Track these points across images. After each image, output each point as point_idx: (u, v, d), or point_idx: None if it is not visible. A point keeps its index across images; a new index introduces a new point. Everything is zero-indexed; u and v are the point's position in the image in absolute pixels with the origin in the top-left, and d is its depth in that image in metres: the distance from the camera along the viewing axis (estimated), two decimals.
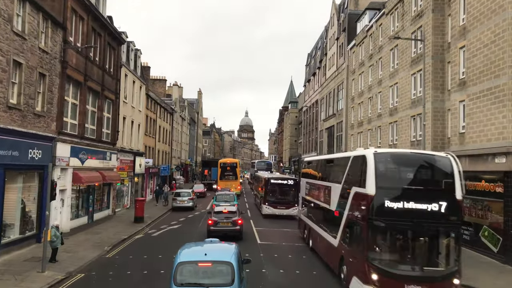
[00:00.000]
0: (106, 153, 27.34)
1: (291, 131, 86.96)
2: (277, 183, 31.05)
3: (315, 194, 18.95)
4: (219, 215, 22.05)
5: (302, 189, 22.53)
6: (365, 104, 36.50)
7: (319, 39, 64.24)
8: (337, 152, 46.57)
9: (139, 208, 26.46)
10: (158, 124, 45.15)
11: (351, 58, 42.07)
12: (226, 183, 48.20)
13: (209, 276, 9.11)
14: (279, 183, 30.99)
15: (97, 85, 25.42)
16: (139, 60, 36.99)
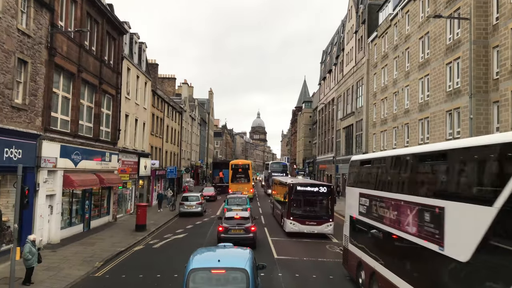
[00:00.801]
0: (105, 153, 24.72)
1: (305, 132, 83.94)
2: (305, 191, 23.17)
3: (391, 218, 10.52)
4: (230, 221, 20.01)
5: (351, 204, 14.34)
6: (389, 100, 33.38)
7: (335, 35, 61.17)
8: (356, 153, 43.52)
9: (141, 214, 23.75)
10: (165, 124, 42.55)
11: (372, 51, 38.97)
12: (238, 186, 45.54)
13: (223, 283, 8.75)
14: (308, 191, 23.14)
15: (94, 77, 22.82)
16: (144, 54, 34.43)
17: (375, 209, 11.66)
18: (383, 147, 34.85)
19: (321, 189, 23.06)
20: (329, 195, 22.87)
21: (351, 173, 15.15)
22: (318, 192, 23.04)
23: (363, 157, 15.89)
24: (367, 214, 12.41)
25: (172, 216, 30.85)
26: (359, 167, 14.27)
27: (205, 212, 33.46)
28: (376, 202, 11.65)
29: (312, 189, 23.22)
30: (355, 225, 13.76)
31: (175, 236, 22.72)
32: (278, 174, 49.58)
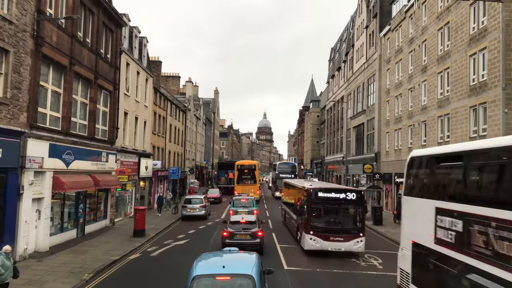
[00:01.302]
0: (102, 153, 23.09)
1: (313, 132, 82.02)
2: (329, 198, 18.52)
3: None
4: (235, 226, 18.70)
5: (415, 224, 10.41)
6: (404, 96, 31.47)
7: (344, 31, 59.28)
8: (367, 153, 41.67)
9: (139, 219, 22.07)
10: (168, 122, 40.92)
11: (385, 46, 37.07)
12: (244, 187, 43.75)
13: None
14: (332, 199, 18.50)
15: (89, 71, 21.18)
16: (145, 49, 32.80)
17: (482, 240, 7.12)
18: (397, 147, 32.96)
19: (348, 196, 18.39)
20: (358, 203, 18.39)
21: (411, 176, 10.87)
22: (345, 199, 18.34)
23: (441, 150, 10.53)
24: (457, 245, 7.86)
25: (174, 219, 29.16)
26: (432, 167, 9.66)
27: (209, 215, 31.76)
28: (483, 227, 7.08)
29: (338, 195, 18.46)
30: (425, 259, 9.22)
31: (176, 242, 21.01)
32: (286, 176, 47.47)
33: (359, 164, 43.95)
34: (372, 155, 39.65)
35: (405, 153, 30.92)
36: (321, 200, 18.41)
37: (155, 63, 47.18)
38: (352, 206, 18.49)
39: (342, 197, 18.39)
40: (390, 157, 34.60)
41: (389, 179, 34.57)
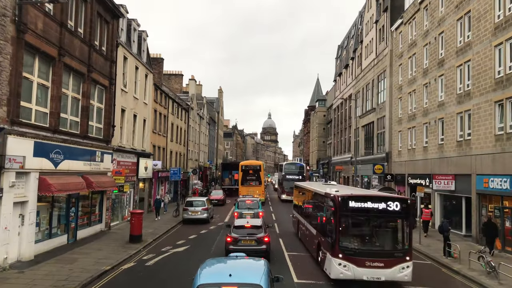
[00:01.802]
0: (96, 152, 21.48)
1: (319, 132, 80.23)
2: (365, 208, 13.77)
3: None
4: (240, 231, 17.39)
5: None
6: (419, 92, 29.67)
7: (352, 27, 57.50)
8: (377, 153, 39.88)
9: (136, 223, 20.43)
10: (170, 121, 39.32)
11: (396, 41, 35.27)
12: (248, 188, 42.22)
13: None
14: (370, 210, 13.77)
15: (81, 64, 19.58)
16: (145, 43, 31.18)
17: None
18: (410, 146, 31.14)
19: (390, 206, 13.61)
20: (404, 215, 13.71)
21: None
22: (386, 210, 13.62)
23: None
24: None
25: (174, 223, 27.51)
26: None
27: (212, 218, 30.11)
28: None
29: (376, 205, 13.65)
30: None
31: (175, 249, 19.34)
32: (293, 177, 45.54)
33: (369, 164, 42.12)
34: (383, 155, 37.86)
35: (419, 152, 29.14)
36: (353, 212, 13.70)
37: (157, 60, 45.79)
38: (396, 219, 13.92)
39: (382, 207, 13.62)
40: (402, 157, 32.79)
41: (402, 180, 32.77)
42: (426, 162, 27.81)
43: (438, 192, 25.82)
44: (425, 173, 27.90)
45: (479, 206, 21.24)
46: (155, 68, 46.40)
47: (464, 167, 22.56)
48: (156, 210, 29.61)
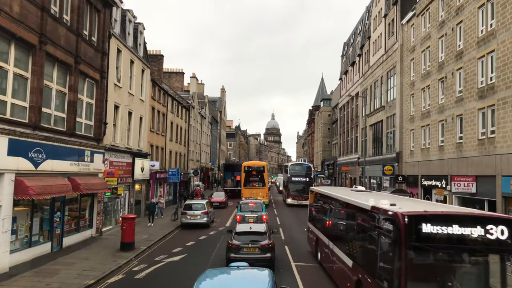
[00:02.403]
0: (85, 152, 19.68)
1: (324, 132, 78.28)
2: (451, 236, 8.26)
3: None
4: (242, 237, 15.90)
5: None
6: (433, 88, 27.73)
7: (359, 23, 55.59)
8: (387, 153, 37.98)
9: (128, 230, 18.62)
10: (169, 120, 37.52)
11: (408, 34, 33.34)
12: (252, 190, 40.27)
13: None
14: (459, 238, 8.26)
15: (67, 54, 17.79)
16: (142, 36, 29.39)
17: None
18: (424, 146, 29.21)
19: (491, 231, 8.26)
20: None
21: None
22: (484, 240, 8.29)
23: None
24: None
25: (172, 228, 25.70)
26: None
27: (213, 222, 28.28)
28: None
29: (467, 230, 8.31)
30: None
31: (170, 258, 17.51)
32: (300, 179, 42.62)
33: (378, 165, 40.20)
34: (393, 155, 35.91)
35: (434, 152, 27.20)
36: (430, 242, 8.29)
37: (156, 57, 44.09)
38: (499, 252, 8.42)
39: (477, 234, 8.27)
40: (415, 157, 30.85)
41: (414, 182, 30.81)
42: (442, 163, 25.87)
43: (457, 195, 23.87)
44: (441, 174, 25.96)
45: (505, 210, 19.28)
46: (155, 65, 44.64)
47: (487, 167, 20.62)
48: (150, 215, 26.91)
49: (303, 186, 41.36)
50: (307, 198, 38.89)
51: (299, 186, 42.11)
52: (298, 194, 41.51)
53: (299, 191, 41.71)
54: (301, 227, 27.09)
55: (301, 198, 40.14)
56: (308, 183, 40.70)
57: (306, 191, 37.81)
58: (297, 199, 40.95)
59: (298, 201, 40.44)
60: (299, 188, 41.99)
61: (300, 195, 40.91)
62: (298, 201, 40.74)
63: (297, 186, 42.20)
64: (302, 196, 39.90)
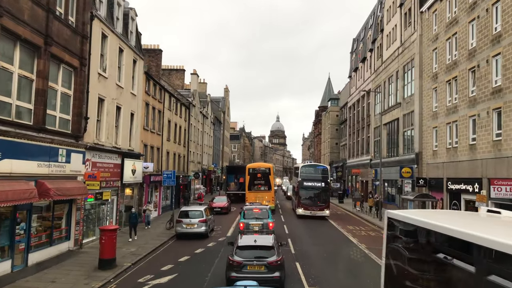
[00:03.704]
0: (58, 150, 16.62)
1: (331, 133, 75.02)
2: None
3: None
4: (245, 252, 13.33)
5: None
6: (462, 79, 24.47)
7: (370, 17, 52.38)
8: (404, 154, 34.71)
9: (107, 244, 15.50)
10: (166, 118, 34.45)
11: (429, 22, 30.11)
12: (257, 194, 37.08)
13: None
14: None
15: (33, 32, 14.76)
16: (133, 23, 26.35)
17: None
18: (450, 145, 25.93)
19: None
20: None
21: None
22: None
23: None
24: None
25: (166, 238, 22.56)
26: None
27: (212, 231, 25.13)
28: None
29: None
30: None
31: (157, 279, 14.34)
32: (315, 185, 34.06)
33: (393, 167, 36.93)
34: (411, 156, 32.63)
35: (464, 152, 23.93)
36: None
37: (154, 51, 41.29)
38: None
39: None
40: (439, 157, 27.57)
41: (438, 185, 27.54)
42: (474, 164, 22.58)
43: (495, 201, 20.56)
44: (473, 177, 22.67)
45: None
46: (153, 60, 41.69)
47: None
48: (131, 227, 21.91)
49: (319, 193, 33.87)
50: (323, 207, 33.33)
51: (314, 193, 34.10)
52: (311, 203, 33.79)
53: (313, 199, 34.02)
54: (313, 237, 23.89)
55: (316, 208, 33.27)
56: (325, 189, 34.07)
57: (323, 200, 33.38)
58: (311, 209, 33.36)
59: (312, 212, 33.22)
60: (313, 196, 34.16)
61: (314, 204, 33.55)
62: (311, 211, 33.29)
63: (310, 193, 34.17)
64: (317, 206, 33.30)
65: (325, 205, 32.92)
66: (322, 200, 33.36)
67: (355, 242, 22.22)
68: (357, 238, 23.52)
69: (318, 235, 24.69)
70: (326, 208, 32.88)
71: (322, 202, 33.23)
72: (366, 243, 21.84)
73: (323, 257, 18.39)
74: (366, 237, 24.36)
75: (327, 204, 33.16)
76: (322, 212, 32.51)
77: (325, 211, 32.68)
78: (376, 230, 27.24)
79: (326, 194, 33.70)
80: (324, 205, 32.95)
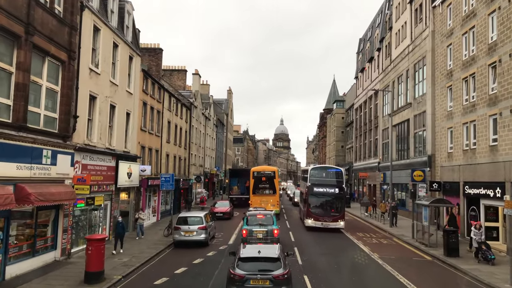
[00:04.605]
0: (42, 151, 15.11)
1: (337, 135, 73.34)
2: None
3: None
4: (248, 265, 11.83)
5: None
6: (481, 76, 22.81)
7: (377, 15, 50.83)
8: (415, 156, 33.06)
9: (94, 255, 13.92)
10: (166, 118, 32.93)
11: (442, 17, 28.50)
12: (262, 198, 35.93)
13: None
14: None
15: (11, 19, 13.29)
16: (130, 18, 24.88)
17: None
18: (467, 146, 24.23)
19: None
20: None
21: None
22: None
23: None
24: None
25: (163, 246, 20.98)
26: None
27: (213, 239, 23.54)
28: None
29: None
30: None
31: None
32: (327, 191, 28.34)
33: (403, 170, 35.29)
34: (423, 159, 30.97)
35: (483, 154, 22.24)
36: None
37: (155, 50, 40.03)
38: None
39: None
40: (454, 160, 25.88)
41: (453, 190, 25.86)
42: (496, 166, 20.88)
43: None
44: (494, 181, 20.95)
45: None
46: (153, 59, 40.32)
47: None
48: (117, 238, 18.95)
49: (332, 201, 28.31)
50: (337, 218, 27.69)
51: (326, 201, 28.40)
52: (323, 213, 28.03)
53: (325, 209, 28.26)
54: (322, 245, 22.20)
55: (328, 218, 27.71)
56: (339, 197, 28.50)
57: (338, 209, 28.13)
58: (322, 220, 27.75)
59: (324, 223, 27.65)
60: (325, 204, 28.38)
61: (327, 215, 27.92)
62: (323, 222, 27.66)
63: (322, 200, 28.44)
64: (330, 216, 27.77)
65: (339, 215, 27.85)
66: (336, 210, 28.05)
67: (367, 251, 20.54)
68: (368, 247, 21.84)
69: (326, 243, 23.03)
70: (340, 218, 27.78)
71: (336, 211, 27.95)
72: (379, 252, 20.17)
73: (333, 269, 16.74)
74: (378, 245, 22.68)
75: (342, 214, 28.01)
76: (336, 224, 27.56)
77: (340, 222, 27.67)
78: (387, 238, 25.55)
79: (341, 202, 28.44)
80: (338, 215, 27.86)
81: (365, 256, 19.52)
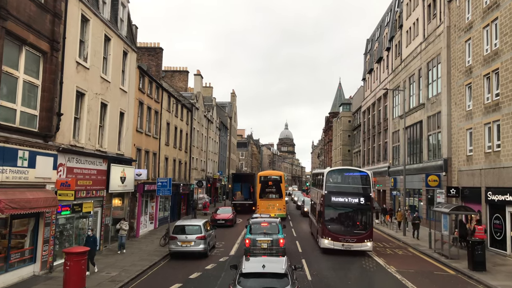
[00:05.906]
0: (17, 152, 13.34)
1: (344, 139, 71.38)
2: None
3: None
4: (251, 282, 10.18)
5: None
6: (505, 71, 20.89)
7: (386, 14, 48.97)
8: (429, 160, 31.11)
9: (73, 271, 12.14)
10: (164, 120, 31.15)
11: (460, 10, 26.62)
12: (268, 202, 36.68)
13: None
14: None
15: None
16: (125, 11, 23.18)
17: None
18: (490, 149, 22.28)
19: None
20: None
21: None
22: None
23: None
24: None
25: (158, 257, 19.10)
26: None
27: (213, 249, 21.66)
28: None
29: None
30: None
31: None
32: (348, 201, 21.20)
33: (416, 175, 33.34)
34: (438, 163, 28.99)
35: (508, 157, 20.29)
36: None
37: (155, 49, 38.42)
38: None
39: None
40: (475, 163, 23.90)
41: (473, 196, 23.87)
42: None
43: None
44: None
45: None
46: (153, 59, 38.70)
47: None
48: (90, 256, 14.88)
49: (357, 215, 21.61)
50: (363, 237, 20.64)
51: (348, 214, 21.73)
52: (345, 231, 21.06)
53: (347, 224, 21.45)
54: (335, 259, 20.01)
55: (352, 238, 20.69)
56: (365, 209, 21.34)
57: (364, 225, 21.13)
58: (344, 241, 20.76)
59: (346, 244, 20.71)
60: (347, 218, 21.72)
61: (349, 232, 20.96)
62: (344, 243, 20.71)
63: (341, 211, 21.63)
64: (354, 235, 20.79)
65: (365, 234, 20.72)
66: (362, 226, 21.13)
67: (383, 264, 18.59)
68: (383, 258, 19.87)
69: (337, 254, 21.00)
70: (367, 238, 20.64)
71: (362, 228, 21.01)
72: (396, 265, 18.21)
73: (347, 286, 14.79)
74: (393, 256, 20.70)
75: (369, 232, 20.81)
76: (361, 245, 20.55)
77: (366, 243, 20.61)
78: (402, 248, 23.55)
79: (368, 216, 21.25)
80: (364, 233, 20.74)
81: (381, 269, 17.57)
